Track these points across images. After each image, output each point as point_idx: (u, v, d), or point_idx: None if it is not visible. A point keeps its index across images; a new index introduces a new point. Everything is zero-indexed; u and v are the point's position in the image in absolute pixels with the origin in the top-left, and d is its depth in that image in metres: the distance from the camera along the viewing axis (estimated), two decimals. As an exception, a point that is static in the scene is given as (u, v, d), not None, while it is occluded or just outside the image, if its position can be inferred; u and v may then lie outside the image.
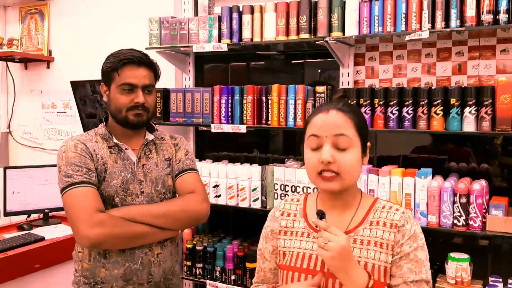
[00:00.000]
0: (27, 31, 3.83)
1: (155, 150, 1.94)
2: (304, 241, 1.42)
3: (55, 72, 3.74)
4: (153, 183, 1.88)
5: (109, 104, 1.88)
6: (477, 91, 2.14)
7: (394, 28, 2.29)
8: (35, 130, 3.87)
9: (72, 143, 1.81)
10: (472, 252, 2.23)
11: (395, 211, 1.38)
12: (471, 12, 2.13)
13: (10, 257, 2.51)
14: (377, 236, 1.35)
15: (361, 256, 1.34)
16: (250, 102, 2.62)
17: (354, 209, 1.41)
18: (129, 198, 1.82)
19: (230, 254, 2.69)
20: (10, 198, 3.03)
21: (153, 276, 1.84)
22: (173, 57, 3.00)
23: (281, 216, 1.51)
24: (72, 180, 1.73)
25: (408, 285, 1.31)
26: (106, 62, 1.88)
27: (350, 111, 1.37)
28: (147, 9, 3.18)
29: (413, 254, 1.33)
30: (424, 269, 1.33)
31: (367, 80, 2.68)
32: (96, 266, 1.80)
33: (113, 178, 1.81)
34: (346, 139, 1.32)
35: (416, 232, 1.35)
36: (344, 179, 1.33)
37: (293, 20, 2.49)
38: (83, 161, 1.77)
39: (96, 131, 1.91)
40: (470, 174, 2.38)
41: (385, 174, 2.30)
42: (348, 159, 1.32)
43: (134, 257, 1.80)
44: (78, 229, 1.69)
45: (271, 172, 2.57)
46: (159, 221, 1.79)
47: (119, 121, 1.86)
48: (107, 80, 1.88)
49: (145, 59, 1.88)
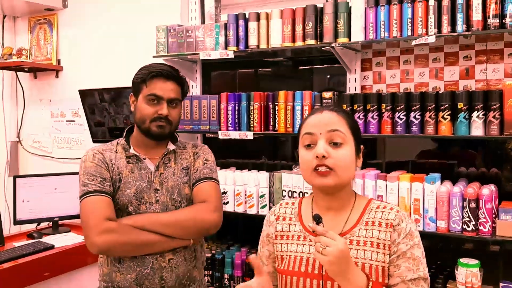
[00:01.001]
0: (36, 41, 3.87)
1: (174, 159, 1.96)
2: (300, 245, 1.43)
3: (64, 81, 3.77)
4: (168, 191, 1.89)
5: (135, 114, 1.93)
6: (484, 95, 2.13)
7: (400, 33, 2.29)
8: (45, 139, 3.90)
9: (91, 153, 1.88)
10: (482, 258, 2.21)
11: (389, 210, 1.39)
12: (477, 16, 2.12)
13: (20, 265, 2.52)
14: (373, 236, 1.36)
15: (358, 257, 1.35)
16: (257, 108, 2.62)
17: (349, 210, 1.42)
18: (143, 207, 1.85)
19: (238, 261, 2.69)
20: (20, 207, 3.05)
21: (165, 281, 1.85)
22: (180, 65, 3.02)
23: (276, 220, 1.52)
24: (87, 189, 1.80)
25: (406, 283, 1.32)
26: (137, 73, 1.94)
27: (342, 111, 1.42)
28: (154, 17, 3.20)
29: (410, 252, 1.33)
30: (421, 267, 1.34)
31: (374, 86, 2.67)
32: (113, 270, 1.86)
33: (127, 187, 1.85)
34: (340, 134, 1.35)
35: (412, 230, 1.36)
36: (338, 174, 1.34)
37: (299, 26, 2.50)
38: (99, 170, 1.84)
39: (119, 141, 1.97)
40: (479, 179, 2.36)
41: (394, 179, 2.29)
42: (342, 154, 1.34)
43: (145, 262, 1.83)
44: (88, 236, 1.76)
45: (279, 178, 2.57)
46: (168, 230, 1.81)
47: (142, 131, 1.91)
48: (136, 91, 1.94)
49: (174, 73, 1.93)
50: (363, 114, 2.35)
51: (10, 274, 2.47)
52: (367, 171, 2.42)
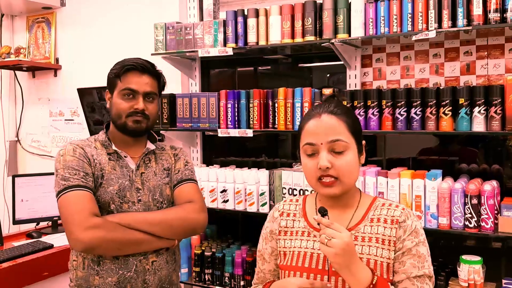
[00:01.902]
0: (34, 39, 3.86)
1: (155, 160, 1.92)
2: (304, 240, 1.43)
3: (62, 80, 3.76)
4: (150, 191, 1.85)
5: (111, 110, 1.87)
6: (486, 90, 2.11)
7: (400, 29, 2.27)
8: (43, 138, 3.88)
9: (70, 147, 1.81)
10: (485, 254, 2.19)
11: (395, 207, 1.39)
12: (478, 10, 2.11)
13: (19, 264, 2.51)
14: (378, 232, 1.36)
15: (363, 252, 1.34)
16: (256, 106, 2.61)
17: (354, 208, 1.42)
18: (126, 206, 1.80)
19: (239, 260, 2.67)
20: (19, 206, 3.03)
21: (148, 284, 1.80)
22: (179, 62, 3.00)
23: (280, 216, 1.51)
24: (68, 183, 1.72)
25: (411, 280, 1.31)
26: (111, 69, 1.88)
27: (342, 113, 1.37)
28: (152, 15, 3.18)
29: (415, 249, 1.33)
30: (426, 264, 1.33)
31: (374, 82, 2.65)
32: (90, 273, 1.77)
33: (110, 184, 1.79)
34: (342, 143, 1.33)
35: (417, 228, 1.36)
36: (343, 182, 1.34)
37: (298, 22, 2.48)
38: (81, 165, 1.76)
39: (96, 137, 1.90)
40: (481, 175, 2.35)
41: (394, 176, 2.28)
42: (346, 162, 1.33)
43: (128, 264, 1.77)
44: (72, 232, 1.66)
45: (279, 176, 2.55)
46: (155, 229, 1.76)
47: (118, 127, 1.85)
48: (110, 86, 1.87)
49: (149, 67, 1.86)
50: (363, 111, 2.33)
51: (9, 273, 2.46)
52: (368, 168, 2.40)
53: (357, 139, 1.37)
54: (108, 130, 1.92)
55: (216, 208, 2.72)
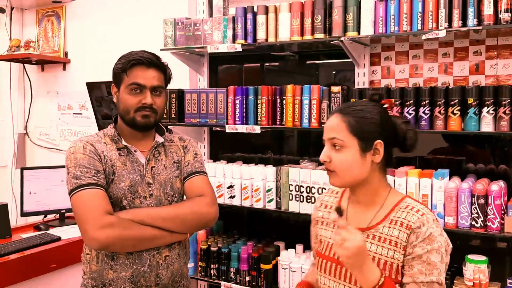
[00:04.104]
0: (43, 33, 3.88)
1: (164, 153, 1.92)
2: (331, 231, 1.53)
3: (71, 74, 3.78)
4: (161, 185, 1.85)
5: (118, 105, 1.85)
6: (495, 90, 2.11)
7: (410, 28, 2.27)
8: (52, 131, 3.91)
9: (80, 144, 1.78)
10: (490, 254, 2.20)
11: (415, 212, 1.40)
12: (488, 10, 2.10)
13: (27, 256, 2.53)
14: (393, 235, 1.39)
15: (376, 252, 1.40)
16: (264, 102, 2.61)
17: (379, 206, 1.46)
18: (138, 201, 1.80)
19: (244, 255, 2.68)
20: (27, 199, 3.06)
21: (161, 278, 1.81)
22: (187, 58, 3.01)
23: (320, 207, 1.63)
24: (80, 182, 1.71)
25: (418, 285, 1.34)
26: (116, 63, 1.85)
27: (349, 112, 1.43)
28: (162, 10, 3.19)
29: (426, 256, 1.34)
30: (436, 272, 1.34)
31: (383, 80, 2.65)
32: (104, 268, 1.78)
33: (122, 180, 1.79)
34: (338, 141, 1.41)
35: (433, 235, 1.36)
36: (339, 176, 1.42)
37: (307, 20, 2.48)
38: (92, 162, 1.75)
39: (105, 132, 1.89)
40: (488, 175, 2.34)
41: (402, 175, 2.28)
42: (341, 158, 1.41)
43: (142, 259, 1.78)
44: (87, 231, 1.67)
45: (286, 173, 2.56)
46: (168, 224, 1.77)
47: (127, 122, 1.83)
48: (117, 81, 1.85)
49: (155, 60, 1.84)
50: (371, 109, 2.33)
51: (17, 265, 2.48)
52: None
53: (360, 138, 1.40)
54: (116, 124, 1.91)
55: (222, 203, 2.73)
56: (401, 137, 1.45)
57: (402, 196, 1.48)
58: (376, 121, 1.41)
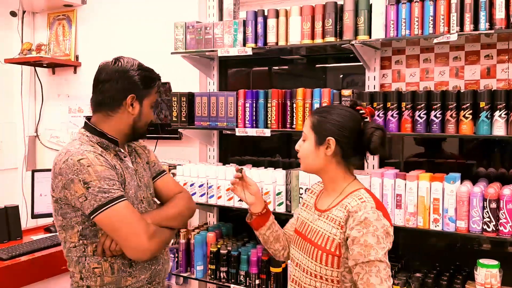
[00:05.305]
0: (55, 36, 3.91)
1: (138, 156, 1.96)
2: (306, 212, 1.81)
3: (82, 77, 3.80)
4: (147, 187, 1.91)
5: (138, 117, 1.82)
6: (507, 94, 2.10)
7: (421, 31, 2.26)
8: (62, 134, 3.93)
9: (92, 155, 1.68)
10: (502, 259, 2.18)
11: (358, 199, 1.61)
12: (500, 14, 2.10)
13: (38, 258, 2.55)
14: (338, 215, 1.63)
15: (324, 229, 1.65)
16: (274, 106, 2.62)
17: (337, 194, 1.70)
18: (138, 206, 1.82)
19: (254, 258, 2.68)
20: (37, 201, 3.08)
21: (166, 272, 1.93)
22: (197, 61, 3.02)
23: (307, 192, 1.93)
24: (112, 195, 1.65)
25: (361, 266, 1.51)
26: (141, 74, 1.80)
27: (317, 113, 1.73)
28: (172, 14, 3.21)
29: (363, 239, 1.52)
30: (373, 252, 1.50)
31: (393, 84, 2.65)
32: (122, 276, 1.76)
33: (129, 188, 1.79)
34: (304, 134, 1.74)
35: (369, 220, 1.53)
36: (302, 162, 1.76)
37: (318, 23, 2.49)
38: (113, 173, 1.70)
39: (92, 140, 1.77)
40: (500, 179, 2.33)
41: (413, 179, 2.27)
42: (303, 148, 1.74)
43: (158, 259, 1.87)
44: (139, 244, 1.67)
45: (296, 176, 2.56)
46: (174, 223, 1.87)
47: (136, 133, 1.85)
48: (141, 93, 1.81)
49: None
50: (382, 113, 2.33)
51: (28, 267, 2.50)
52: (386, 170, 2.40)
53: (316, 133, 1.68)
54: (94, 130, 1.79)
55: (232, 206, 2.74)
56: (366, 140, 1.63)
57: (359, 187, 1.69)
58: (335, 122, 1.65)
